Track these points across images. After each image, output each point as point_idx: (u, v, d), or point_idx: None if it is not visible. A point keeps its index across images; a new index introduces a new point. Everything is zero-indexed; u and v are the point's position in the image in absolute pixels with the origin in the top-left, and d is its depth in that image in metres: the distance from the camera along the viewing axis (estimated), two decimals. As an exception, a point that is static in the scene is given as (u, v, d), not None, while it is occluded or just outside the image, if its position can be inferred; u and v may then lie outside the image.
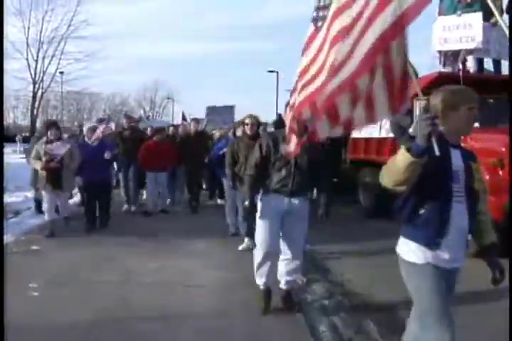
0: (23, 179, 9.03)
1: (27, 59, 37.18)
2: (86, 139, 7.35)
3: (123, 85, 77.23)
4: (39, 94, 38.68)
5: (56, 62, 37.75)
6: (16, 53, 35.45)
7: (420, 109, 5.84)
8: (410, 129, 6.43)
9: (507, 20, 6.87)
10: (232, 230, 6.78)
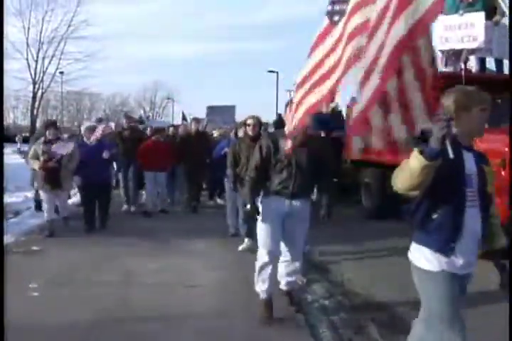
0: (23, 179, 9.05)
1: (27, 59, 37.25)
2: (84, 139, 7.29)
3: (123, 85, 77.20)
4: (39, 94, 38.68)
5: (56, 62, 37.84)
6: (16, 53, 35.54)
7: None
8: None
9: (507, 20, 6.87)
10: (232, 230, 6.77)
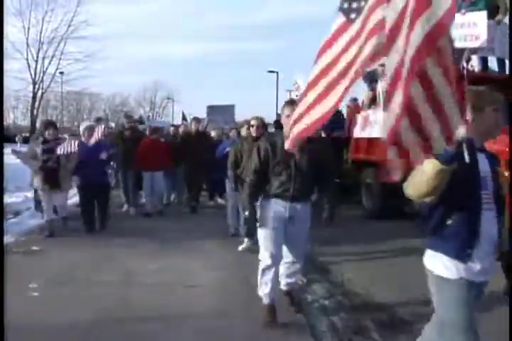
0: (23, 179, 9.04)
1: (27, 59, 37.16)
2: (83, 139, 7.17)
3: (123, 85, 77.18)
4: (39, 95, 38.62)
5: (56, 62, 37.73)
6: (16, 53, 35.43)
7: None
8: None
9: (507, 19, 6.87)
10: (232, 231, 6.77)
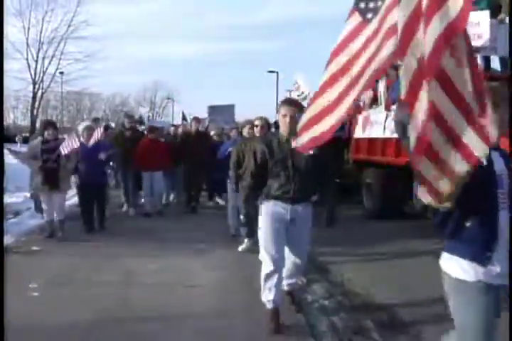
0: (23, 179, 9.02)
1: (27, 59, 37.10)
2: (81, 139, 7.13)
3: (123, 85, 77.13)
4: (39, 95, 38.58)
5: (56, 62, 37.66)
6: (16, 53, 35.35)
7: None
8: None
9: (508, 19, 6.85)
10: (232, 231, 6.76)
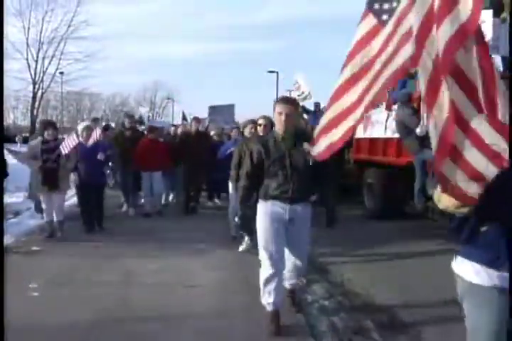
0: (23, 179, 9.02)
1: (27, 59, 37.10)
2: (80, 139, 7.07)
3: (123, 85, 77.07)
4: (39, 95, 38.58)
5: (56, 62, 37.66)
6: (16, 53, 35.35)
7: None
8: (418, 129, 6.36)
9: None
10: (232, 232, 6.75)
